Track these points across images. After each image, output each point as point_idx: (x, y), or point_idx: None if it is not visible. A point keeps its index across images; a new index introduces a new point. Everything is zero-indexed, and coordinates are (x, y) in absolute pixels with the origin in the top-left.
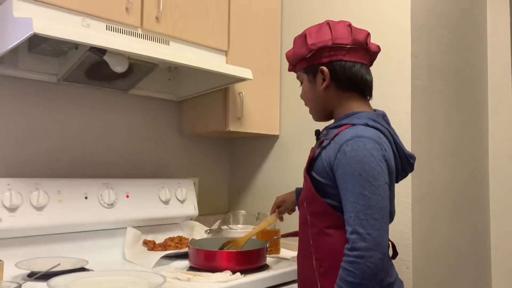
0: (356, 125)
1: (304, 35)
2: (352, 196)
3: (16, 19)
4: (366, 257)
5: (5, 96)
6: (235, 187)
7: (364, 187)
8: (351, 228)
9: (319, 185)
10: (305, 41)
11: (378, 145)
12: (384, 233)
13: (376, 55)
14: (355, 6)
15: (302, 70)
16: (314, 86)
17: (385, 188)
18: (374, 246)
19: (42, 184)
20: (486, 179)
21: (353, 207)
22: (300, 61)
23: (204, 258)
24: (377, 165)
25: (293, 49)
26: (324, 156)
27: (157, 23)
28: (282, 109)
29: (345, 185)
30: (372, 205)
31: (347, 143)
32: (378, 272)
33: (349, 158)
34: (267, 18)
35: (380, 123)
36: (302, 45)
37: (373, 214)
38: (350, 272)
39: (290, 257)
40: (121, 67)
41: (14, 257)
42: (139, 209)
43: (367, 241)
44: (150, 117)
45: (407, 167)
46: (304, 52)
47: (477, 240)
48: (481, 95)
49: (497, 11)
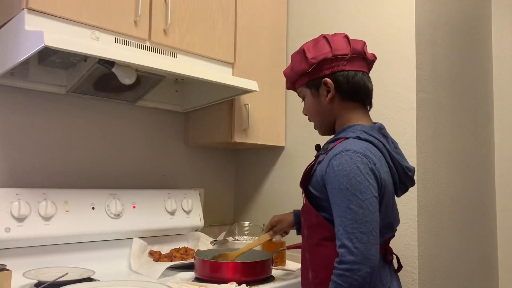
0: (349, 137)
1: (302, 50)
2: (340, 210)
3: (28, 32)
4: (354, 271)
5: (15, 107)
6: (240, 198)
7: (350, 201)
8: (339, 241)
9: (315, 199)
10: (304, 56)
11: (366, 158)
12: (372, 247)
13: (373, 64)
14: (360, 19)
15: (304, 85)
16: (318, 100)
17: (373, 201)
18: (362, 260)
19: (50, 194)
20: (492, 190)
21: (341, 221)
22: (301, 77)
23: (209, 269)
24: (363, 178)
25: (292, 66)
26: (318, 171)
27: (165, 36)
28: (288, 121)
29: (333, 199)
30: (358, 219)
31: (335, 157)
32: (366, 285)
33: (336, 172)
34: (272, 31)
35: (373, 136)
36: (301, 61)
37: (360, 228)
38: (338, 285)
39: (296, 269)
40: (129, 79)
41: (21, 266)
42: (145, 220)
43: (354, 255)
44: (156, 128)
45: (406, 180)
46: (305, 67)
47: (484, 253)
48: (486, 106)
49: (502, 22)
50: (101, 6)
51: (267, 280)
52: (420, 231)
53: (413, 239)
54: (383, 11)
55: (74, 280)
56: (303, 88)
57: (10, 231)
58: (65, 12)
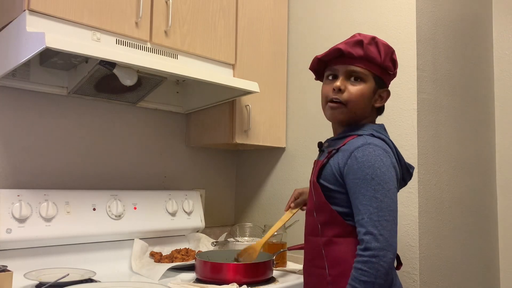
0: (363, 135)
1: (391, 51)
2: (365, 199)
3: (29, 34)
4: (379, 257)
5: (17, 108)
6: (241, 199)
7: (376, 190)
8: (364, 229)
9: (328, 192)
10: (391, 56)
11: (386, 152)
12: (394, 234)
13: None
14: (361, 20)
15: (371, 74)
16: (370, 96)
17: (395, 192)
18: (387, 246)
19: (51, 195)
20: (494, 191)
21: (365, 209)
22: (375, 65)
23: (210, 270)
24: (387, 170)
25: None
26: (332, 164)
27: (166, 37)
28: (289, 122)
29: (357, 189)
30: (384, 207)
31: (358, 149)
32: (390, 271)
33: (361, 163)
34: (273, 32)
35: (383, 134)
36: (386, 57)
37: (385, 216)
38: (365, 272)
39: (297, 270)
40: (130, 80)
41: (22, 267)
42: (146, 221)
43: (380, 242)
44: (158, 129)
45: (407, 177)
46: (389, 65)
47: (485, 254)
48: (487, 107)
49: (503, 23)
50: (102, 8)
51: (268, 281)
52: (421, 232)
53: (414, 240)
54: (383, 13)
55: (75, 281)
56: (368, 74)
57: (11, 232)
58: (67, 14)
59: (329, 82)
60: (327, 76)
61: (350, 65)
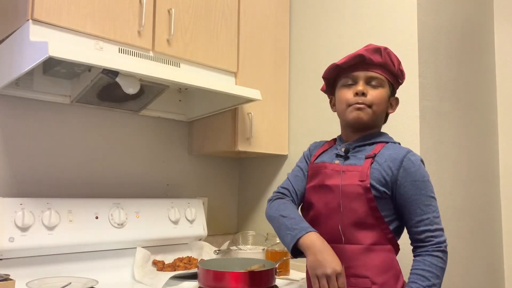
0: (390, 142)
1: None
2: (426, 199)
3: (32, 43)
4: (447, 246)
5: (20, 117)
6: (244, 207)
7: (432, 191)
8: (433, 226)
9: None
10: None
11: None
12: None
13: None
14: (363, 27)
15: (388, 80)
16: (388, 101)
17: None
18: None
19: (53, 203)
20: (497, 198)
21: (428, 209)
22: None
23: (213, 278)
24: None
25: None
26: (380, 168)
27: (168, 46)
28: (291, 129)
29: (416, 190)
30: (437, 205)
31: (410, 154)
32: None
33: (417, 166)
34: (275, 40)
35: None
36: (399, 65)
37: (439, 212)
38: (441, 260)
39: (300, 278)
40: (133, 89)
41: (25, 276)
42: (149, 229)
43: (444, 234)
44: (160, 137)
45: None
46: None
47: (489, 261)
48: (490, 113)
49: (504, 29)
50: (105, 17)
51: None
52: None
53: None
54: (385, 20)
55: None
56: (385, 80)
57: (14, 240)
58: (70, 23)
59: (348, 87)
60: (344, 83)
61: (370, 71)
